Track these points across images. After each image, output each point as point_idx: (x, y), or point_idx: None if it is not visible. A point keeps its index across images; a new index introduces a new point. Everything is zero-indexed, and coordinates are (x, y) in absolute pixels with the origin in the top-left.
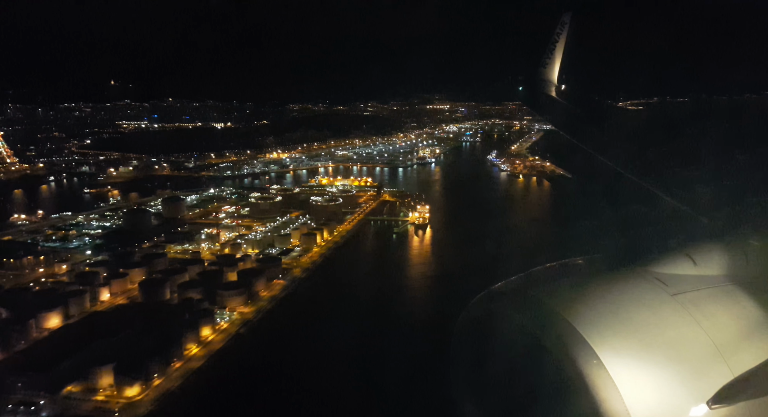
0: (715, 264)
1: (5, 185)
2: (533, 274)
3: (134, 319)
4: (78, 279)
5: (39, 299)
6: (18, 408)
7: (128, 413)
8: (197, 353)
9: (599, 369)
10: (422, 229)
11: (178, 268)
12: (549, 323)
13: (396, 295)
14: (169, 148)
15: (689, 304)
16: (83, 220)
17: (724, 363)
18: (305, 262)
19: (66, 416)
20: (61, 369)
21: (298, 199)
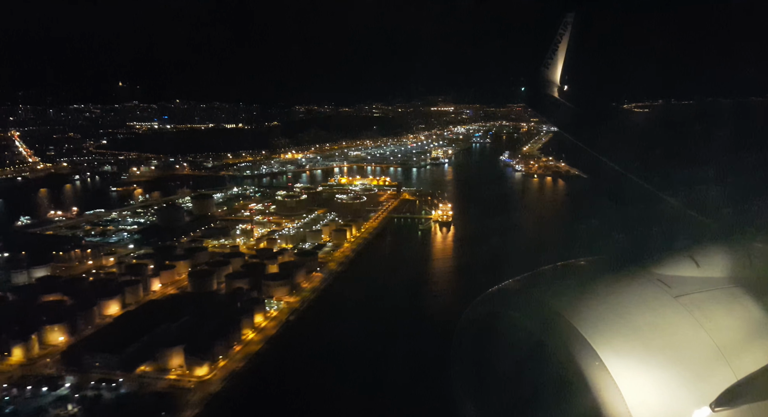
0: (719, 266)
1: (32, 184)
2: (535, 275)
3: (189, 306)
4: (128, 270)
5: (96, 288)
6: (100, 384)
7: (202, 391)
8: (254, 338)
9: (601, 370)
10: (446, 227)
11: (222, 261)
12: (551, 324)
13: (430, 287)
14: (185, 149)
15: (692, 307)
16: (117, 217)
17: (727, 365)
18: (338, 256)
19: (144, 392)
20: (132, 351)
21: (321, 198)
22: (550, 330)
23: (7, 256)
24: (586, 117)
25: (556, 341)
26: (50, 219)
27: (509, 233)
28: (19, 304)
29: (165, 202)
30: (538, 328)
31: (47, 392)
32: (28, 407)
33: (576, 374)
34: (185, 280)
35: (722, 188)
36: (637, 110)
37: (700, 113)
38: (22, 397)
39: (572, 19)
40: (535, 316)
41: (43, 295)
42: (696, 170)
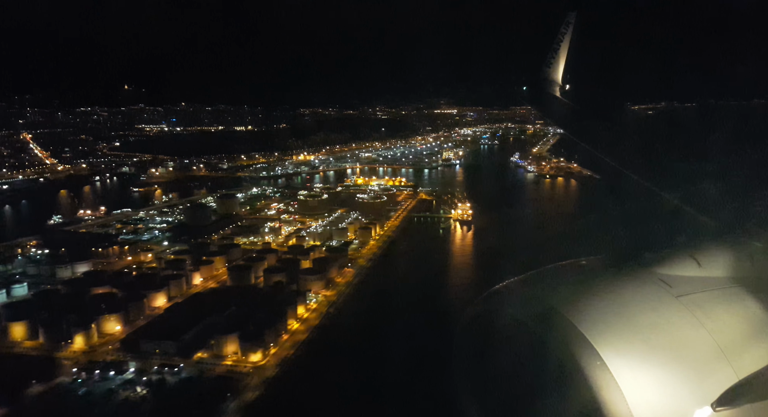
0: (720, 265)
1: (54, 184)
2: (537, 273)
3: (233, 298)
4: (168, 265)
5: (142, 282)
6: (162, 369)
7: (259, 375)
8: (299, 328)
9: (602, 370)
10: (467, 225)
11: (258, 256)
12: (552, 323)
13: (458, 280)
14: (197, 151)
15: (693, 306)
16: (144, 216)
17: (728, 365)
18: (366, 253)
19: (205, 377)
20: (188, 338)
21: (340, 197)
22: (551, 329)
23: (48, 253)
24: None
25: (557, 340)
26: (80, 218)
27: (529, 231)
28: (72, 296)
29: (189, 202)
30: (539, 327)
31: (114, 376)
32: (99, 389)
33: (577, 373)
34: (223, 274)
35: (724, 187)
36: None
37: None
38: (92, 381)
39: (574, 19)
40: (536, 315)
41: (93, 287)
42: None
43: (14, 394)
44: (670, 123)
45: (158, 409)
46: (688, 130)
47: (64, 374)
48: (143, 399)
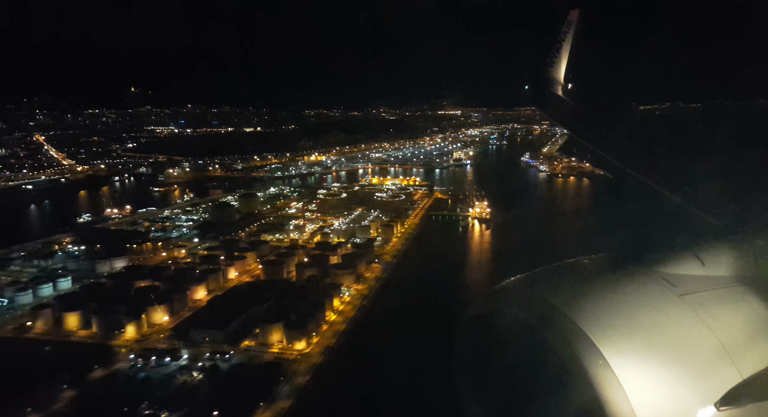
0: (724, 264)
1: (75, 185)
2: (539, 272)
3: (270, 291)
4: (203, 260)
5: (182, 276)
6: (214, 356)
7: (306, 362)
8: (336, 319)
9: (604, 369)
10: (485, 223)
11: (288, 252)
12: (554, 322)
13: (482, 275)
14: (209, 152)
15: (697, 305)
16: (169, 215)
17: (732, 364)
18: (390, 250)
19: (254, 363)
20: (234, 327)
21: (358, 196)
22: (553, 328)
23: (84, 249)
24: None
25: (559, 339)
26: (107, 216)
27: (546, 228)
28: (117, 289)
29: (210, 202)
30: (540, 325)
31: (169, 362)
32: (157, 374)
33: (579, 372)
34: (255, 269)
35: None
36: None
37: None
38: (149, 366)
39: (576, 17)
40: (539, 314)
41: (136, 281)
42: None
43: (79, 378)
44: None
45: (215, 392)
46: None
47: (121, 360)
48: (200, 383)
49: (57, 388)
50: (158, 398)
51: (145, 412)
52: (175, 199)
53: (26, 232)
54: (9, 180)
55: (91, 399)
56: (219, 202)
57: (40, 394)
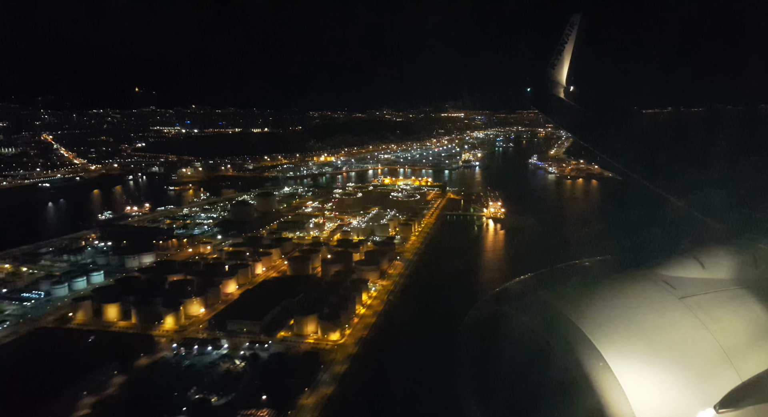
0: (724, 268)
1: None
2: (540, 275)
3: (299, 285)
4: (230, 256)
5: (212, 271)
6: (253, 345)
7: (342, 352)
8: (366, 313)
9: (605, 371)
10: (500, 223)
11: (312, 249)
12: (555, 325)
13: (500, 272)
14: (218, 152)
15: (697, 308)
16: (188, 213)
17: (731, 367)
18: (409, 248)
19: (292, 352)
20: (269, 319)
21: (372, 196)
22: (554, 330)
23: (111, 244)
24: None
25: (560, 342)
26: (128, 214)
27: (559, 228)
28: (151, 282)
29: (226, 200)
30: (542, 328)
31: (211, 351)
32: (201, 362)
33: (580, 375)
34: (280, 265)
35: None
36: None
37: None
38: (192, 355)
39: (578, 20)
40: (540, 317)
41: (168, 275)
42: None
43: (128, 365)
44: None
45: (259, 379)
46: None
47: (164, 349)
48: (243, 370)
49: (108, 373)
50: (205, 384)
51: (195, 396)
52: (190, 198)
53: (50, 228)
54: (24, 178)
55: (141, 384)
56: (238, 201)
57: (94, 380)
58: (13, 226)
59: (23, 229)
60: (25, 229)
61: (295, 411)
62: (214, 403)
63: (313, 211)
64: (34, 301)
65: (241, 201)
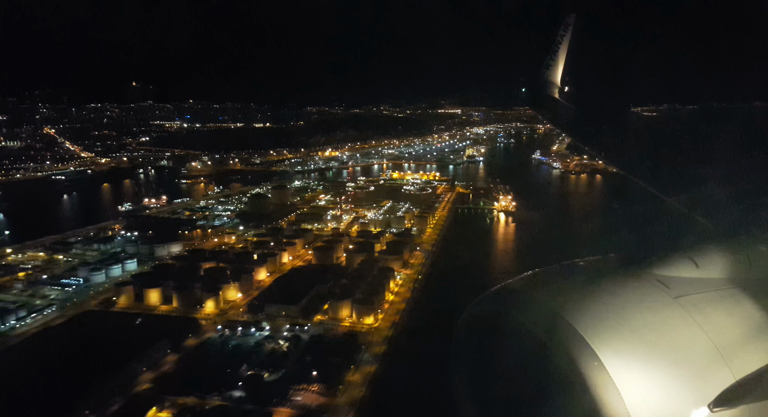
0: (718, 267)
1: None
2: (536, 274)
3: (327, 273)
4: (256, 246)
5: (242, 259)
6: (293, 328)
7: (378, 334)
8: (394, 299)
9: (600, 370)
10: (511, 216)
11: (335, 239)
12: (550, 324)
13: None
14: (223, 146)
15: (691, 307)
16: (205, 205)
17: (725, 366)
18: (426, 239)
19: (331, 335)
20: (305, 303)
21: (384, 190)
22: (549, 330)
23: (138, 234)
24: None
25: (555, 341)
26: (146, 205)
27: (569, 221)
28: (186, 269)
29: (241, 193)
30: (537, 328)
31: (254, 332)
32: (246, 343)
33: (575, 374)
34: (304, 255)
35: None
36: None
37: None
38: (236, 336)
39: (573, 21)
40: (535, 316)
41: (201, 263)
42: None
43: (178, 344)
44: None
45: (305, 358)
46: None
47: (209, 331)
48: (288, 350)
49: (162, 351)
50: (254, 362)
51: (247, 372)
52: (202, 191)
53: (74, 219)
54: (37, 171)
55: (194, 361)
56: (255, 194)
57: (150, 357)
58: (38, 217)
59: (47, 220)
60: (49, 220)
61: (344, 386)
62: (266, 379)
63: (327, 204)
64: (74, 287)
65: (258, 194)
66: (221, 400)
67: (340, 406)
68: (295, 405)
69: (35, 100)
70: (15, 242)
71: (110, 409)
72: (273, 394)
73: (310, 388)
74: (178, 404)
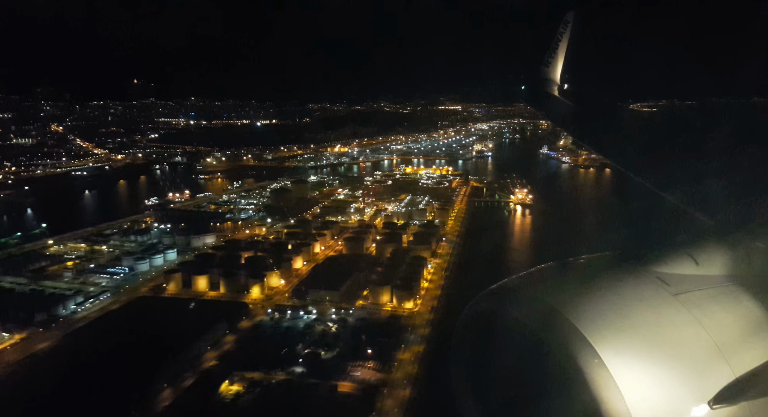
0: (718, 264)
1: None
2: (536, 272)
3: (361, 262)
4: (288, 237)
5: (277, 249)
6: (339, 311)
7: (419, 318)
8: (429, 286)
9: (600, 368)
10: (528, 209)
11: (363, 230)
12: (550, 322)
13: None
14: (232, 143)
15: (691, 304)
16: (227, 199)
17: (725, 363)
18: (450, 231)
19: (375, 318)
20: (345, 289)
21: (400, 184)
22: (549, 328)
23: (171, 226)
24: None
25: (555, 339)
26: (171, 200)
27: (584, 213)
28: (229, 258)
29: (261, 187)
30: (537, 325)
31: (302, 315)
32: (297, 325)
33: (575, 372)
34: (334, 245)
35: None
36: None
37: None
38: (287, 318)
39: (572, 18)
40: (535, 314)
41: (240, 252)
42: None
43: (233, 326)
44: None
45: (355, 338)
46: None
47: (259, 314)
48: (337, 331)
49: (221, 332)
50: (308, 342)
51: (304, 350)
52: (220, 186)
53: (104, 212)
54: (55, 167)
55: (251, 341)
56: (277, 188)
57: (211, 337)
58: (67, 211)
59: (78, 214)
60: (79, 214)
61: (397, 364)
62: (323, 357)
63: (346, 197)
64: (122, 275)
65: (280, 188)
66: (285, 375)
67: (398, 381)
68: (355, 379)
69: (37, 97)
70: (52, 235)
71: (185, 383)
72: (331, 370)
73: (366, 364)
74: (246, 378)
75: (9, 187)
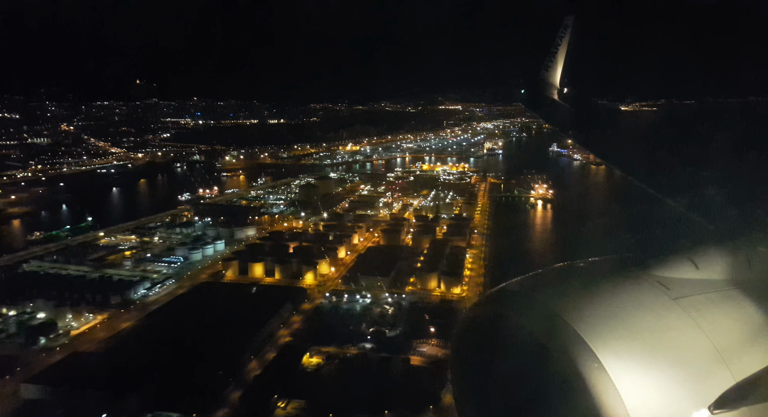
0: (718, 268)
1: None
2: (537, 276)
3: (401, 252)
4: (327, 229)
5: (320, 240)
6: (392, 295)
7: (470, 301)
8: (471, 274)
9: (600, 372)
10: (549, 203)
11: (397, 223)
12: (550, 326)
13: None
14: (246, 141)
15: (691, 309)
16: (255, 195)
17: (726, 368)
18: (478, 223)
19: (426, 301)
20: (394, 275)
21: (421, 180)
22: (549, 332)
23: (211, 219)
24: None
25: (555, 343)
26: (201, 195)
27: (604, 206)
28: (277, 247)
29: (286, 184)
30: (538, 329)
31: (358, 299)
32: (354, 307)
33: (575, 376)
34: (369, 237)
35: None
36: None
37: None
38: (344, 302)
39: (572, 22)
40: (535, 318)
41: (286, 242)
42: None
43: (297, 308)
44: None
45: (414, 319)
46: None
47: (317, 298)
48: (394, 313)
49: (289, 313)
50: (369, 322)
51: (369, 329)
52: (243, 183)
53: (139, 207)
54: (79, 165)
55: (317, 320)
56: (304, 184)
57: (280, 317)
58: (105, 206)
59: (116, 209)
60: (117, 209)
61: None
62: (388, 334)
63: (370, 193)
64: (178, 264)
65: (307, 184)
66: (356, 349)
67: None
68: (423, 354)
69: (41, 98)
70: (98, 228)
71: (268, 356)
72: (399, 346)
73: (429, 341)
74: (322, 352)
75: (43, 184)
